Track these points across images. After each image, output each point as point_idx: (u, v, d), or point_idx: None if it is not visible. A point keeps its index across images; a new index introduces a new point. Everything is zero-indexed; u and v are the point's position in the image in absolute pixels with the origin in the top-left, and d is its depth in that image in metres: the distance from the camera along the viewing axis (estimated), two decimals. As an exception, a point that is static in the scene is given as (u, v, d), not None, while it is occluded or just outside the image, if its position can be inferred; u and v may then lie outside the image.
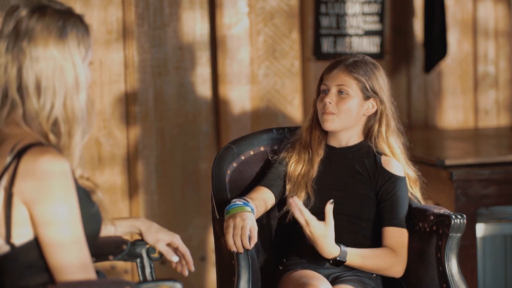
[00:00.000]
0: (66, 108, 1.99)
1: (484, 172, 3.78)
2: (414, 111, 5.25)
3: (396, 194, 2.85)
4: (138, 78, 4.43)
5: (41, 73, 1.97)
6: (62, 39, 1.99)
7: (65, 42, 1.99)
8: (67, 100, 1.99)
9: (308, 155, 2.92)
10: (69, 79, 1.99)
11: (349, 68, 2.86)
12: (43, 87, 1.97)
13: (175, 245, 2.62)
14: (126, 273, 4.43)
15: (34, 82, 1.97)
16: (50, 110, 1.97)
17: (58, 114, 1.98)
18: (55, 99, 1.98)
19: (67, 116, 1.99)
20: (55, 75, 1.98)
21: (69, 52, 2.00)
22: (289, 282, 2.71)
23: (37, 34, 1.98)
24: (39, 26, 1.98)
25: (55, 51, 1.98)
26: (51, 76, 1.97)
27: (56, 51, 1.98)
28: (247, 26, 4.46)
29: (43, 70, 1.97)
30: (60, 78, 1.98)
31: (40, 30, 1.98)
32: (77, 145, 1.99)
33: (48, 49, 1.98)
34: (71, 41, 2.00)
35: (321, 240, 2.68)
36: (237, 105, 4.46)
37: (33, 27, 1.98)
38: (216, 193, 2.92)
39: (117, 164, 4.42)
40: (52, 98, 1.97)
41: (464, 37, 5.31)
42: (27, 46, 1.97)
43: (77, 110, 2.00)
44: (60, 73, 1.98)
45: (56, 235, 1.90)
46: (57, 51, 1.98)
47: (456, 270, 2.75)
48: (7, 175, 1.91)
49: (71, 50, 2.00)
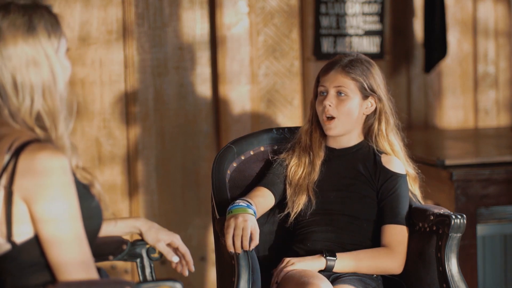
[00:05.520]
0: (46, 100, 1.98)
1: (484, 172, 3.78)
2: (414, 111, 5.25)
3: (397, 192, 2.85)
4: (138, 78, 4.43)
5: (15, 70, 1.96)
6: (30, 33, 1.97)
7: (35, 35, 1.98)
8: (46, 93, 1.98)
9: (308, 158, 2.92)
10: (45, 72, 1.98)
11: (345, 69, 2.86)
12: (19, 84, 1.96)
13: (175, 245, 2.62)
14: (126, 273, 4.43)
15: (10, 80, 1.96)
16: (30, 105, 1.97)
17: (40, 108, 1.98)
18: (33, 93, 1.97)
19: (49, 108, 1.98)
20: (30, 70, 1.97)
21: (40, 45, 1.98)
22: (289, 281, 2.71)
23: (4, 32, 1.96)
24: (5, 24, 1.97)
25: (26, 47, 1.97)
26: (25, 71, 1.97)
27: (27, 46, 1.97)
28: (247, 26, 4.46)
29: (17, 67, 1.96)
30: (35, 72, 1.97)
31: (6, 28, 1.97)
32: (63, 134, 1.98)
33: (18, 45, 1.97)
34: (40, 33, 1.98)
35: (301, 263, 2.76)
36: (237, 105, 4.46)
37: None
38: (216, 193, 2.92)
39: (117, 164, 4.42)
40: (31, 92, 1.97)
41: (464, 37, 5.31)
42: None
43: (57, 100, 1.99)
44: (34, 67, 1.97)
45: (56, 232, 1.90)
46: (28, 46, 1.97)
47: (456, 270, 2.75)
48: (6, 173, 1.91)
49: (42, 43, 1.98)
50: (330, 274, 2.79)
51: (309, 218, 2.88)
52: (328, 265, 2.76)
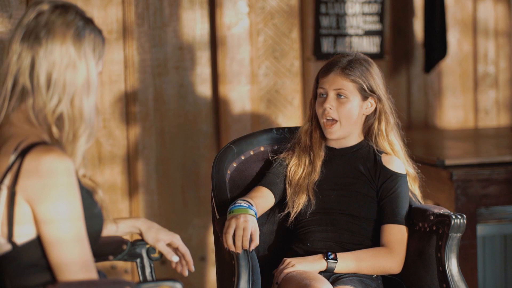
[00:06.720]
0: (74, 106, 2.00)
1: (484, 172, 3.78)
2: (414, 111, 5.25)
3: (397, 192, 2.85)
4: (138, 78, 4.43)
5: (54, 65, 1.99)
6: (79, 38, 2.01)
7: (82, 42, 2.02)
8: (76, 98, 2.00)
9: (309, 158, 2.92)
10: (80, 79, 2.00)
11: (345, 71, 2.86)
12: (53, 80, 1.98)
13: (175, 245, 2.62)
14: (126, 273, 4.43)
15: (45, 73, 1.98)
16: (56, 103, 1.99)
17: (64, 110, 1.99)
18: (63, 94, 1.99)
19: (73, 114, 1.99)
20: (67, 71, 1.99)
21: (84, 52, 2.02)
22: (290, 282, 2.71)
23: (56, 27, 2.00)
24: (60, 21, 2.00)
25: (71, 48, 2.00)
26: (63, 70, 1.99)
27: (72, 48, 2.00)
28: (247, 26, 4.46)
29: (56, 64, 1.99)
30: (71, 75, 2.00)
31: (60, 25, 2.00)
32: (82, 147, 2.00)
33: (64, 44, 1.99)
34: (87, 43, 2.02)
35: (302, 264, 2.75)
36: (237, 105, 4.46)
37: (53, 20, 2.00)
38: (216, 193, 2.92)
39: (117, 164, 4.42)
40: (61, 92, 1.99)
41: (464, 37, 5.31)
42: (44, 37, 1.99)
43: (85, 110, 2.01)
44: (73, 70, 2.00)
45: (58, 233, 1.91)
46: (73, 48, 2.00)
47: (456, 270, 2.75)
48: (10, 173, 1.92)
49: (86, 52, 2.02)
50: (330, 274, 2.79)
51: (309, 217, 2.89)
52: (329, 267, 2.76)
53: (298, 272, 2.74)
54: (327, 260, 2.76)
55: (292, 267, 2.74)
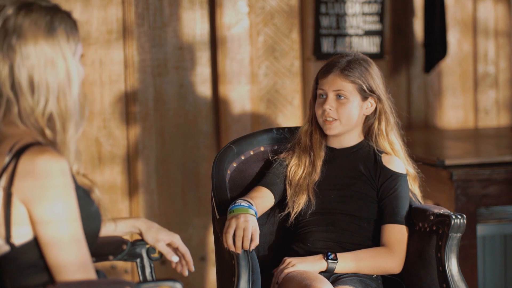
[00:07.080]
0: (60, 102, 1.98)
1: (484, 172, 3.78)
2: (414, 111, 5.25)
3: (397, 191, 2.85)
4: (138, 78, 4.43)
5: (33, 69, 1.97)
6: (51, 33, 1.98)
7: (54, 36, 1.98)
8: (60, 95, 1.98)
9: (309, 158, 2.92)
10: (61, 73, 1.99)
11: (344, 71, 2.86)
12: (36, 83, 1.96)
13: (175, 245, 2.62)
14: (126, 273, 4.43)
15: (26, 78, 1.96)
16: (44, 105, 1.97)
17: (53, 109, 1.98)
18: (48, 94, 1.97)
19: (61, 111, 1.98)
20: (47, 70, 1.97)
21: (59, 46, 1.99)
22: (290, 282, 2.71)
23: (25, 30, 1.97)
24: (27, 22, 1.97)
25: (45, 46, 1.98)
26: (43, 71, 1.97)
27: (46, 45, 1.98)
28: (247, 26, 4.46)
29: (35, 66, 1.97)
30: (52, 73, 1.98)
31: (28, 26, 1.97)
32: (72, 138, 1.99)
33: (38, 44, 1.97)
34: (60, 35, 1.99)
35: (302, 264, 2.75)
36: (237, 105, 4.46)
37: (21, 23, 1.97)
38: (216, 193, 2.92)
39: (117, 164, 4.42)
40: (46, 93, 1.97)
41: (464, 37, 5.31)
42: (16, 43, 1.96)
43: (70, 104, 1.99)
44: (52, 68, 1.98)
45: (55, 234, 1.90)
46: (47, 45, 1.98)
47: (456, 270, 2.75)
48: (6, 175, 1.91)
49: (61, 45, 1.99)
50: (330, 274, 2.79)
51: (310, 217, 2.89)
52: (329, 267, 2.76)
53: (299, 272, 2.74)
54: (327, 260, 2.76)
55: (293, 267, 2.74)
